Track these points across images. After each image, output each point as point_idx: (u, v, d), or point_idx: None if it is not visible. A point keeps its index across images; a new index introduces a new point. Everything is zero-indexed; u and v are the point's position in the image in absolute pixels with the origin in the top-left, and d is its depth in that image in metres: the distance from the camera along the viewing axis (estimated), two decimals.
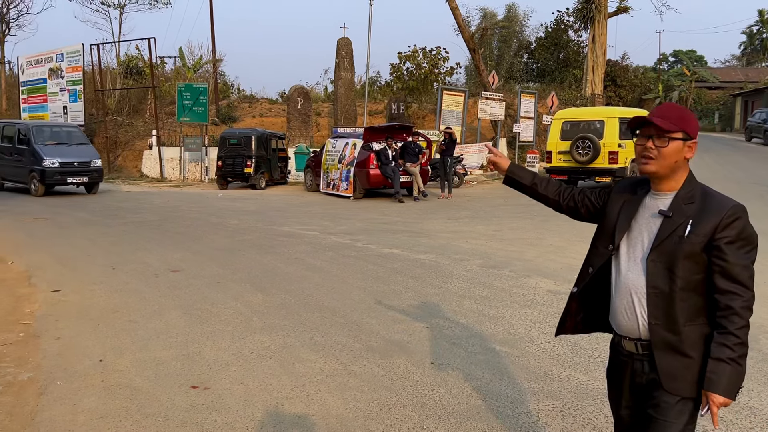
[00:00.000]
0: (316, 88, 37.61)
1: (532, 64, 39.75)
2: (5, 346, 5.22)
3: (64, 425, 3.80)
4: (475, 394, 4.16)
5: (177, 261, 8.44)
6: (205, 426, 3.75)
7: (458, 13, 25.67)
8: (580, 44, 36.02)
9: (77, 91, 26.08)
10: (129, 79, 31.83)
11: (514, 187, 2.66)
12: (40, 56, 28.32)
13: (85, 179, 17.72)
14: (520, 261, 8.19)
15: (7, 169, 18.67)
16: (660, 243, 2.14)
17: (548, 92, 26.24)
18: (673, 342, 2.12)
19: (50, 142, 17.73)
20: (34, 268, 8.06)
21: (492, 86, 23.96)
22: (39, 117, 28.46)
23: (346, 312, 6.03)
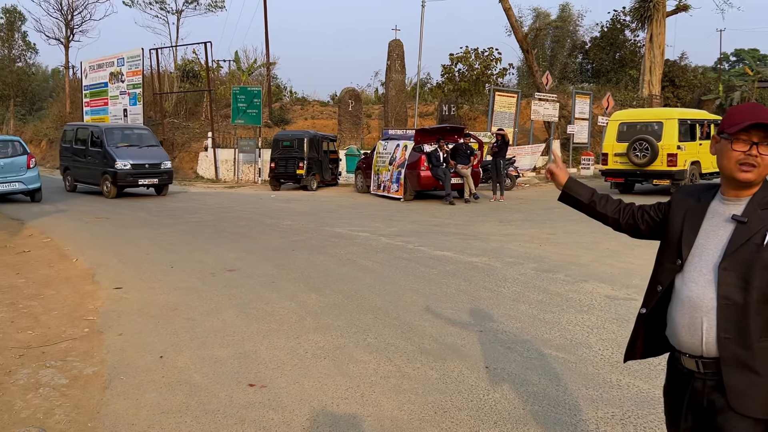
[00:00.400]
0: (366, 90, 37.84)
1: (586, 64, 39.03)
2: (72, 341, 5.41)
3: (128, 419, 3.91)
4: (531, 399, 4.11)
5: (233, 260, 8.61)
6: (263, 424, 3.81)
7: (511, 14, 25.42)
8: (637, 44, 35.16)
9: (137, 95, 26.87)
10: (186, 82, 32.64)
11: (571, 204, 2.52)
12: (101, 61, 29.30)
13: (156, 181, 17.81)
14: (575, 265, 8.05)
15: (80, 171, 18.94)
16: (734, 251, 1.97)
17: (603, 93, 25.71)
18: (745, 358, 1.94)
19: (122, 144, 17.83)
20: (97, 266, 8.34)
21: (545, 87, 23.64)
22: (100, 120, 29.44)
23: (399, 314, 6.03)
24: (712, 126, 16.34)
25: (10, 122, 48.04)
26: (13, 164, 15.83)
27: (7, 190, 15.73)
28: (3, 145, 16.50)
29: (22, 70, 50.17)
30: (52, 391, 4.38)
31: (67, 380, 4.57)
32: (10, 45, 48.95)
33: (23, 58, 50.71)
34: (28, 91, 51.43)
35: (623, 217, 2.40)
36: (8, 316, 6.16)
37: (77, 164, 18.99)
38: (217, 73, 32.86)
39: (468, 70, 27.24)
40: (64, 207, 15.44)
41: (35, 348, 5.24)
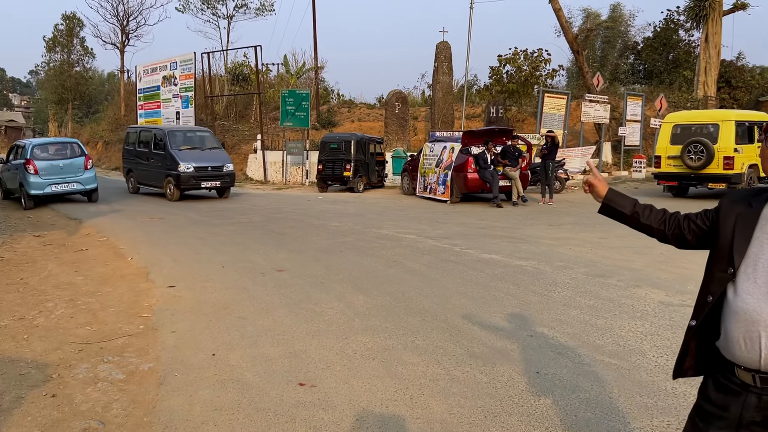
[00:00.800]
0: (413, 92, 37.86)
1: (638, 65, 38.18)
2: (128, 337, 5.57)
3: (182, 415, 4.00)
4: (583, 406, 4.04)
5: (282, 260, 8.72)
6: (313, 423, 3.85)
7: (561, 14, 25.08)
8: (692, 44, 34.24)
9: (189, 98, 27.49)
10: (236, 85, 33.24)
11: (612, 216, 2.43)
12: (155, 65, 30.08)
13: (218, 183, 17.69)
14: (628, 270, 7.88)
15: (143, 173, 18.97)
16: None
17: (656, 94, 25.12)
18: None
19: (185, 147, 17.68)
20: (151, 265, 8.56)
21: (596, 88, 23.23)
22: (153, 122, 30.20)
23: (447, 317, 6.01)
24: None
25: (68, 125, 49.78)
26: (71, 165, 16.39)
27: (65, 190, 16.29)
28: (62, 146, 17.10)
29: (80, 74, 51.95)
30: (110, 385, 4.51)
31: (123, 375, 4.71)
32: (69, 50, 50.73)
33: (81, 62, 52.49)
34: (86, 94, 53.24)
35: (669, 228, 2.31)
36: (68, 312, 6.37)
37: (140, 167, 19.03)
38: (266, 77, 33.35)
39: (516, 71, 26.96)
40: (119, 207, 15.90)
41: (94, 343, 5.41)
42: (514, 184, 15.95)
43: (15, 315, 6.26)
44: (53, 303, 6.73)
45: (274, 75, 35.00)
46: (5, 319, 6.11)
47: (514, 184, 15.95)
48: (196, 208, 15.56)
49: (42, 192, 15.83)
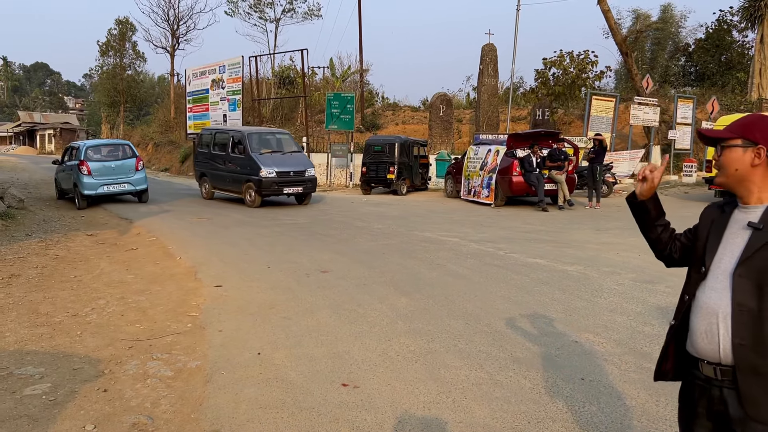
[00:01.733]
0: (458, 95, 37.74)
1: (689, 67, 37.26)
2: (176, 335, 5.70)
3: (228, 412, 4.08)
4: (629, 414, 3.97)
5: (326, 262, 8.80)
6: (356, 424, 3.88)
7: (610, 16, 24.65)
8: (746, 45, 33.26)
9: (236, 101, 27.95)
10: (282, 88, 33.68)
11: (636, 212, 2.40)
12: (204, 68, 30.67)
13: (301, 189, 16.61)
14: (676, 276, 7.68)
15: (219, 178, 17.84)
16: (748, 258, 1.96)
17: (708, 97, 24.46)
18: (760, 366, 1.91)
19: (265, 151, 16.72)
20: (199, 264, 8.74)
21: (645, 91, 22.76)
22: (201, 125, 30.81)
23: (490, 321, 5.97)
24: None
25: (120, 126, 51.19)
26: (123, 166, 16.86)
27: (117, 191, 16.76)
28: (114, 148, 17.61)
29: (132, 77, 53.41)
30: (159, 382, 4.63)
31: (172, 372, 4.82)
32: (121, 54, 52.19)
33: (133, 66, 53.93)
34: (137, 97, 54.71)
35: (667, 249, 2.40)
36: (119, 310, 6.56)
37: (216, 171, 17.94)
38: (312, 80, 33.71)
39: (563, 74, 26.62)
40: (169, 208, 16.28)
41: (143, 341, 5.55)
42: (560, 188, 15.74)
43: (69, 311, 6.48)
44: (105, 300, 6.93)
45: (319, 78, 35.37)
46: (60, 316, 6.33)
47: (560, 188, 15.74)
48: (243, 210, 15.82)
49: (95, 192, 16.32)
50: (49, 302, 6.84)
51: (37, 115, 78.57)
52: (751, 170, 2.03)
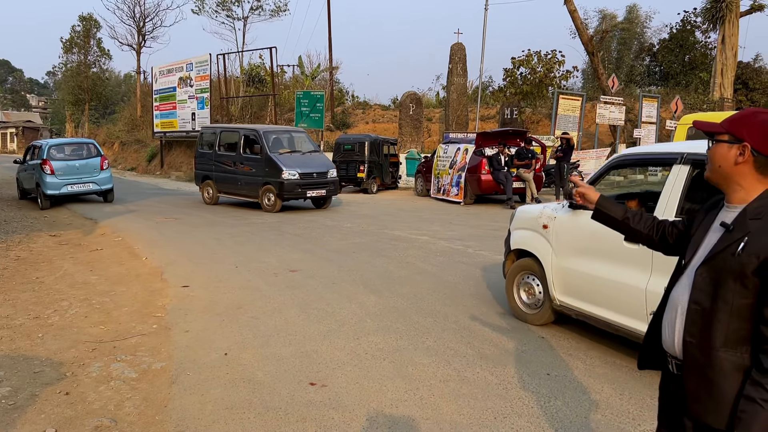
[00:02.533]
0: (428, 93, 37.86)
1: (654, 67, 37.89)
2: (141, 337, 5.61)
3: (194, 414, 4.03)
4: (594, 408, 4.02)
5: (295, 261, 8.75)
6: (323, 423, 3.86)
7: (577, 16, 24.96)
8: (708, 46, 33.94)
9: (204, 99, 27.67)
10: (251, 86, 33.39)
11: (604, 221, 2.51)
12: (171, 66, 30.31)
13: (324, 192, 15.32)
14: None
15: (228, 181, 16.17)
16: (712, 257, 1.94)
17: (672, 96, 24.93)
18: (703, 365, 1.91)
19: (284, 151, 15.43)
20: (165, 264, 8.62)
21: (611, 90, 23.10)
22: (169, 123, 30.44)
23: (459, 318, 6.01)
24: None
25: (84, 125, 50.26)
26: (87, 166, 16.56)
27: (81, 190, 16.46)
28: (78, 147, 17.28)
29: (97, 75, 52.43)
30: (123, 384, 4.56)
31: (136, 374, 4.75)
32: (86, 51, 51.22)
33: (98, 63, 52.96)
34: (102, 95, 53.74)
35: (656, 234, 2.42)
36: (82, 311, 6.44)
37: (224, 173, 16.21)
38: (281, 78, 33.50)
39: (530, 73, 26.88)
40: (135, 207, 16.03)
41: (107, 342, 5.46)
42: (527, 186, 15.90)
43: (30, 314, 6.34)
44: (68, 302, 6.80)
45: (289, 76, 35.17)
46: (21, 318, 6.19)
47: (527, 186, 15.90)
48: (212, 209, 15.65)
49: (58, 192, 16.01)
50: (10, 304, 6.68)
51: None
52: (734, 168, 1.97)
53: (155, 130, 32.19)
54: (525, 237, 6.02)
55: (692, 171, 4.45)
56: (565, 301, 5.42)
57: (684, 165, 4.51)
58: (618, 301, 4.81)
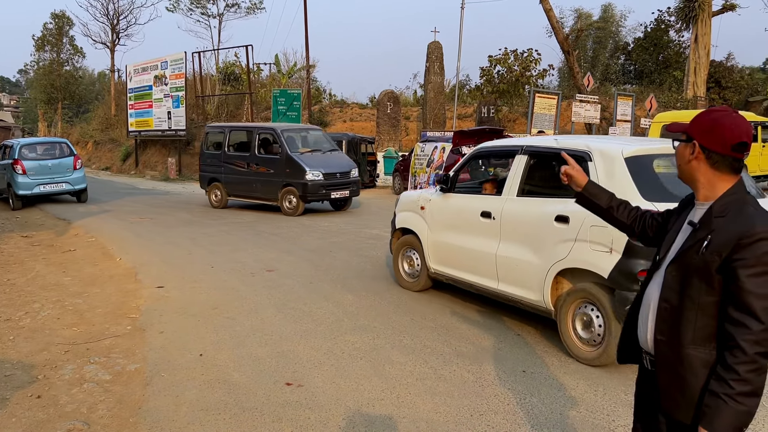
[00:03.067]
0: (405, 92, 37.89)
1: (629, 65, 38.33)
2: (115, 338, 5.54)
3: (168, 415, 3.99)
4: (569, 404, 4.05)
5: (271, 261, 8.70)
6: (299, 423, 3.85)
7: (552, 15, 25.15)
8: (682, 44, 34.41)
9: (180, 97, 27.40)
10: (227, 85, 33.13)
11: (588, 206, 2.51)
12: (146, 64, 29.96)
13: (347, 193, 14.43)
14: None
15: (240, 183, 15.05)
16: (680, 255, 1.99)
17: (646, 95, 25.24)
18: (673, 362, 1.96)
19: (304, 150, 14.48)
20: (139, 265, 8.52)
21: (587, 88, 23.31)
22: (144, 122, 30.12)
23: (436, 316, 6.02)
24: (759, 128, 15.91)
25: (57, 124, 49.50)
26: (60, 165, 16.30)
27: (54, 190, 16.20)
28: (51, 146, 17.01)
29: (70, 73, 51.65)
30: (96, 386, 4.49)
31: (110, 376, 4.69)
32: (59, 49, 50.43)
33: (71, 62, 52.18)
34: (75, 94, 52.93)
35: (637, 225, 2.44)
36: (55, 313, 6.34)
37: (236, 175, 15.06)
38: (257, 76, 33.28)
39: (507, 71, 27.02)
40: (109, 207, 15.82)
41: (80, 344, 5.38)
42: None
43: (1, 316, 6.23)
44: (40, 304, 6.69)
45: (265, 75, 34.95)
46: None
47: None
48: (187, 208, 15.50)
49: (30, 192, 15.74)
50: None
51: None
52: (689, 165, 2.02)
53: (130, 129, 31.81)
54: (407, 217, 7.11)
55: (529, 160, 5.51)
56: (438, 269, 6.56)
57: (523, 155, 5.58)
58: (476, 265, 5.89)
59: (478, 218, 5.81)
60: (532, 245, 5.24)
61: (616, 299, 4.48)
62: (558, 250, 4.94)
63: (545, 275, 5.07)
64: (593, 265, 4.63)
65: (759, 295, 1.80)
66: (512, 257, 5.46)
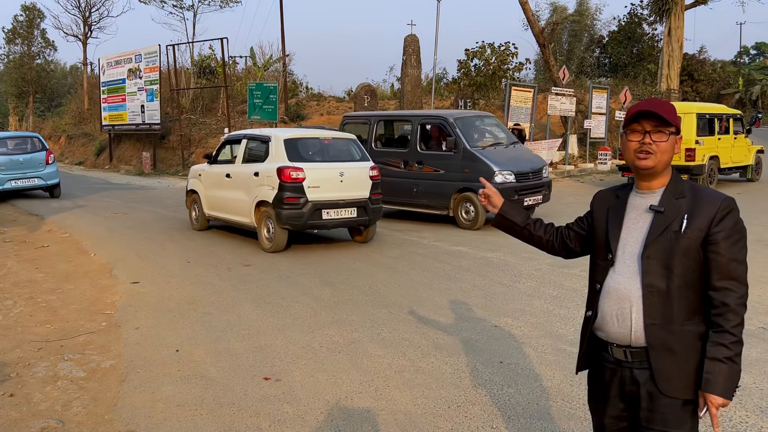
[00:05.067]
0: (382, 85, 37.81)
1: (603, 58, 38.67)
2: (89, 335, 5.48)
3: (144, 411, 3.96)
4: (545, 395, 4.09)
5: (248, 255, 8.65)
6: (277, 417, 3.84)
7: (528, 8, 25.24)
8: (655, 38, 34.80)
9: (154, 91, 27.05)
10: (202, 78, 32.78)
11: (506, 228, 2.54)
12: (119, 57, 29.52)
13: (540, 198, 11.21)
14: None
15: (397, 187, 11.48)
16: (654, 239, 2.07)
17: (621, 87, 25.49)
18: (670, 342, 2.04)
19: (484, 144, 11.40)
20: (114, 261, 8.42)
21: (562, 81, 23.47)
22: (118, 116, 29.70)
23: (414, 309, 6.04)
24: (731, 120, 16.14)
25: (29, 118, 48.57)
26: (32, 160, 16.01)
27: (26, 185, 15.91)
28: (22, 141, 16.70)
29: (41, 66, 50.68)
30: (70, 383, 4.44)
31: (84, 373, 4.63)
32: (29, 42, 49.46)
33: (42, 55, 51.19)
34: (47, 87, 51.96)
35: (556, 240, 2.49)
36: (27, 310, 6.24)
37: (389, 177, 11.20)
38: (233, 69, 32.99)
39: (484, 65, 27.10)
40: (83, 203, 15.58)
41: (54, 341, 5.31)
42: None
43: None
44: (12, 301, 6.58)
45: (241, 68, 34.64)
46: None
47: None
48: (162, 203, 15.33)
49: (1, 187, 15.44)
50: None
51: None
52: (670, 156, 2.13)
53: (103, 123, 31.33)
54: (192, 182, 10.94)
55: (248, 142, 9.66)
56: (210, 213, 10.44)
57: (245, 139, 9.78)
58: (225, 207, 9.93)
59: (224, 178, 9.88)
60: (246, 191, 9.24)
61: (276, 213, 8.58)
62: (256, 192, 8.98)
63: (252, 206, 9.06)
64: (268, 196, 8.73)
65: (739, 261, 2.00)
66: (238, 199, 9.43)
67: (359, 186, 9.14)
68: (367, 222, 9.34)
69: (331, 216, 8.86)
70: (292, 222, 8.59)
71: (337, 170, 9.01)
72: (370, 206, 9.20)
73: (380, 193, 9.58)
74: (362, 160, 9.49)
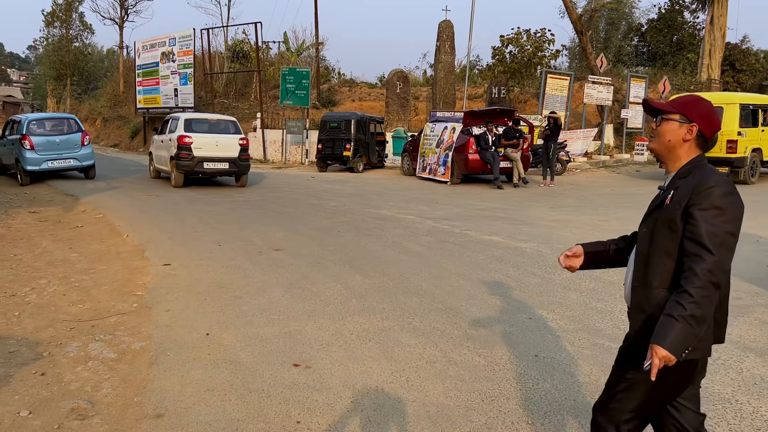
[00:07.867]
0: (415, 72, 37.58)
1: (642, 47, 37.78)
2: (120, 316, 5.48)
3: (174, 395, 3.92)
4: (582, 390, 3.96)
5: (279, 240, 8.62)
6: (307, 405, 3.77)
7: None
8: (697, 26, 33.85)
9: (188, 75, 27.22)
10: (236, 63, 32.91)
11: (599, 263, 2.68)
12: (154, 41, 29.77)
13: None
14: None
15: None
16: (649, 213, 2.32)
17: (660, 77, 24.87)
18: (644, 303, 2.25)
19: None
20: (146, 242, 8.46)
21: (599, 70, 22.99)
22: (152, 99, 29.97)
23: (445, 298, 5.92)
24: None
25: (66, 101, 49.41)
26: (68, 141, 16.22)
27: (62, 166, 16.14)
28: (59, 122, 16.92)
29: (79, 50, 51.45)
30: (101, 364, 4.43)
31: (115, 354, 4.63)
32: (68, 25, 50.19)
33: (80, 38, 51.96)
34: (84, 70, 52.77)
35: None
36: (61, 290, 6.28)
37: None
38: (266, 54, 33.02)
39: (519, 51, 26.68)
40: (117, 184, 15.77)
41: (85, 321, 5.32)
42: (515, 166, 15.82)
43: (7, 292, 6.18)
44: (46, 280, 6.64)
45: (274, 53, 34.68)
46: None
47: (515, 166, 15.82)
48: (194, 187, 15.43)
49: (38, 168, 15.69)
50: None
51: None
52: (680, 143, 2.30)
53: (138, 106, 31.70)
54: (151, 147, 17.34)
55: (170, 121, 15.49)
56: (157, 166, 16.51)
57: (171, 119, 15.63)
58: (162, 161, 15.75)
59: (160, 143, 15.47)
60: (167, 150, 14.89)
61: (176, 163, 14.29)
62: (171, 151, 14.51)
63: (168, 159, 14.74)
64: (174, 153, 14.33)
65: (711, 233, 2.09)
66: (164, 156, 15.16)
67: (230, 149, 14.52)
68: (237, 172, 15.01)
69: (210, 166, 14.43)
70: (184, 168, 14.33)
71: (215, 139, 14.46)
72: (240, 162, 14.74)
73: (248, 155, 15.19)
74: (236, 133, 15.02)
